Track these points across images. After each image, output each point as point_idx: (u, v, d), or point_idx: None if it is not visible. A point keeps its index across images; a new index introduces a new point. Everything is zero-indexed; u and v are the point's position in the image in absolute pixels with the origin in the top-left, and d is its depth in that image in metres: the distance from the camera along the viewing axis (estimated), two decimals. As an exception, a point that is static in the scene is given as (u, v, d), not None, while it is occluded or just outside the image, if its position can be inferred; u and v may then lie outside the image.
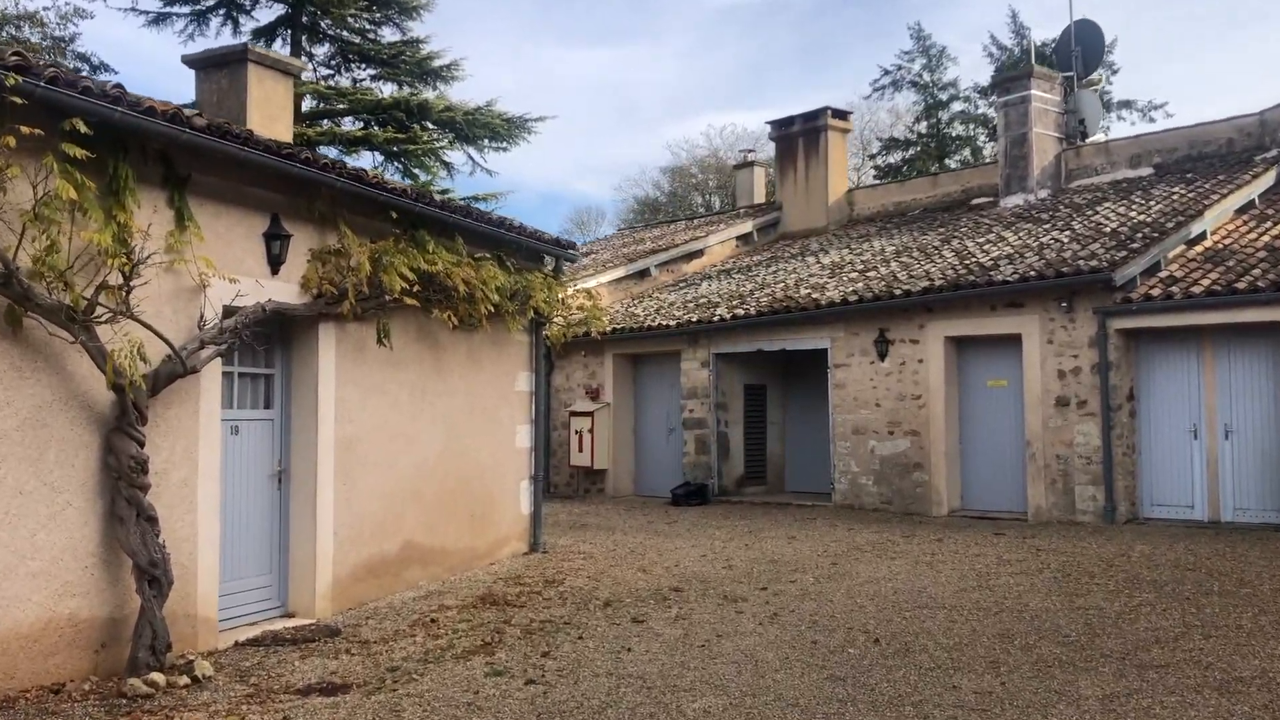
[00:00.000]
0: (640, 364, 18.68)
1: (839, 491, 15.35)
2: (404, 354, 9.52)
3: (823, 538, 12.40)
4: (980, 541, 11.75)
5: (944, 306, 14.38)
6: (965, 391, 14.59)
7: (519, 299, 10.62)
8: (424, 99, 28.45)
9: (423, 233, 9.23)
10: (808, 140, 22.12)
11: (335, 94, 27.80)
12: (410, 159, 28.22)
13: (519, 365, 11.32)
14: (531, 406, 11.51)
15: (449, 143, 30.58)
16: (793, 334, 15.98)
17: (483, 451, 10.65)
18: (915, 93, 39.30)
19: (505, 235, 10.35)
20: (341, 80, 29.31)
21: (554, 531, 13.32)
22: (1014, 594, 8.79)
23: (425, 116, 28.68)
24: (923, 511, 14.42)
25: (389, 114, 28.24)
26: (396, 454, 9.39)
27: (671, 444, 17.86)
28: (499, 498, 10.92)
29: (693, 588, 9.39)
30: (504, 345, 11.03)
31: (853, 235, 20.18)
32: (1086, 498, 13.07)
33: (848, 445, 15.28)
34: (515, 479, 11.22)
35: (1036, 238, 15.38)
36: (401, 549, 9.43)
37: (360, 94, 27.99)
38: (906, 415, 14.68)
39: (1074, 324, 13.33)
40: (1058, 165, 18.82)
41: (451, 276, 9.18)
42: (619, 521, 14.46)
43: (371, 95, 28.06)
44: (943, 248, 16.62)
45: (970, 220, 18.37)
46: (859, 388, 15.20)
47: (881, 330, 14.95)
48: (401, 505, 9.45)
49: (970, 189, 20.40)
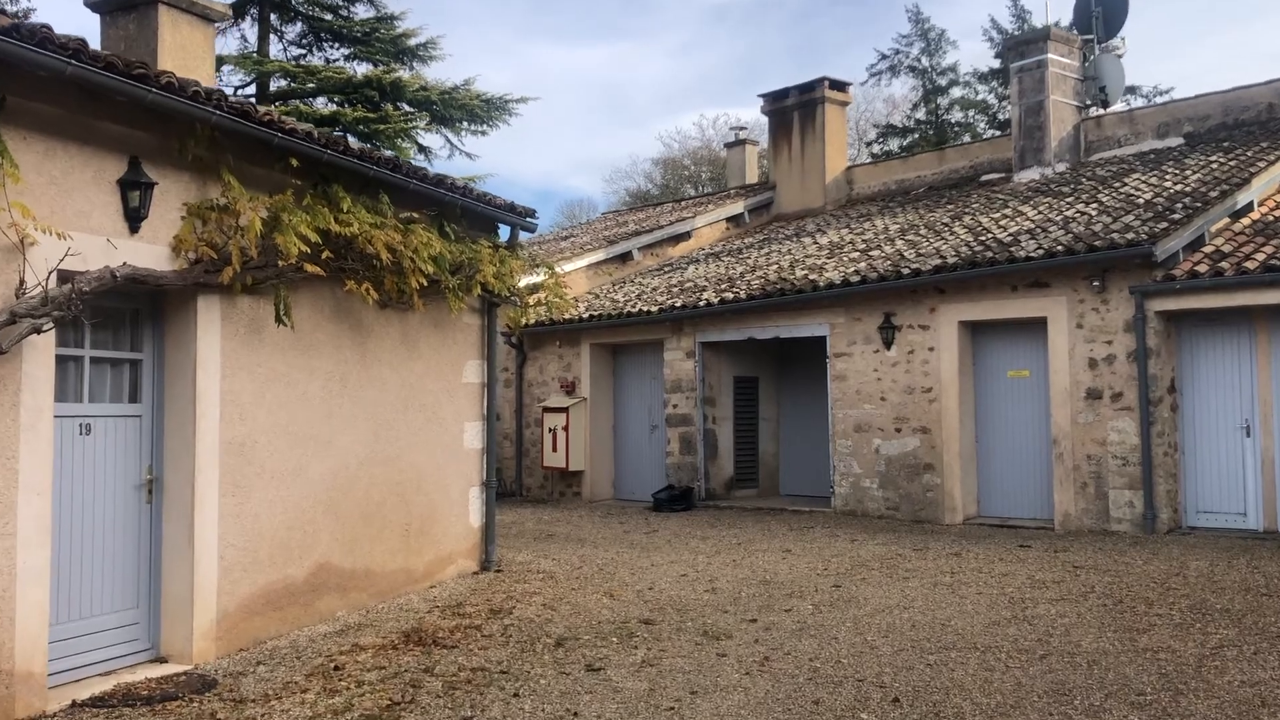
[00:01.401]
0: (620, 355, 17.02)
1: (839, 496, 13.71)
2: (317, 337, 7.86)
3: (822, 551, 10.75)
4: (1005, 556, 10.12)
5: (958, 287, 12.74)
6: (982, 383, 12.96)
7: (464, 273, 8.97)
8: (397, 77, 26.90)
9: (337, 188, 7.57)
10: (803, 114, 20.47)
11: (304, 72, 26.25)
12: (382, 140, 26.61)
13: (467, 353, 9.66)
14: (484, 401, 9.86)
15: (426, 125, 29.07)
16: (787, 320, 14.34)
17: (421, 454, 9.00)
18: (913, 78, 37.87)
19: (444, 195, 8.67)
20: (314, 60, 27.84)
21: (516, 544, 11.67)
22: (1059, 628, 7.15)
23: (399, 96, 27.18)
24: (934, 519, 12.78)
25: (360, 93, 26.73)
26: (306, 459, 7.72)
27: (654, 443, 16.22)
28: (441, 508, 9.27)
29: (667, 619, 7.74)
30: (448, 329, 9.38)
31: (852, 215, 18.54)
32: (1122, 504, 11.44)
33: (849, 444, 13.64)
34: (462, 486, 9.56)
35: (1059, 211, 13.74)
36: (313, 574, 7.77)
37: (330, 73, 26.44)
38: (915, 410, 13.05)
39: (1107, 305, 11.70)
40: (1077, 136, 17.18)
41: (373, 242, 7.52)
42: (591, 531, 12.80)
43: (342, 74, 26.55)
44: (953, 224, 14.98)
45: (982, 196, 16.73)
46: (862, 380, 13.56)
47: (887, 315, 13.31)
48: (313, 521, 7.79)
49: (980, 164, 18.75)
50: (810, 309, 14.05)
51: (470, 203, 9.01)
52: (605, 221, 23.07)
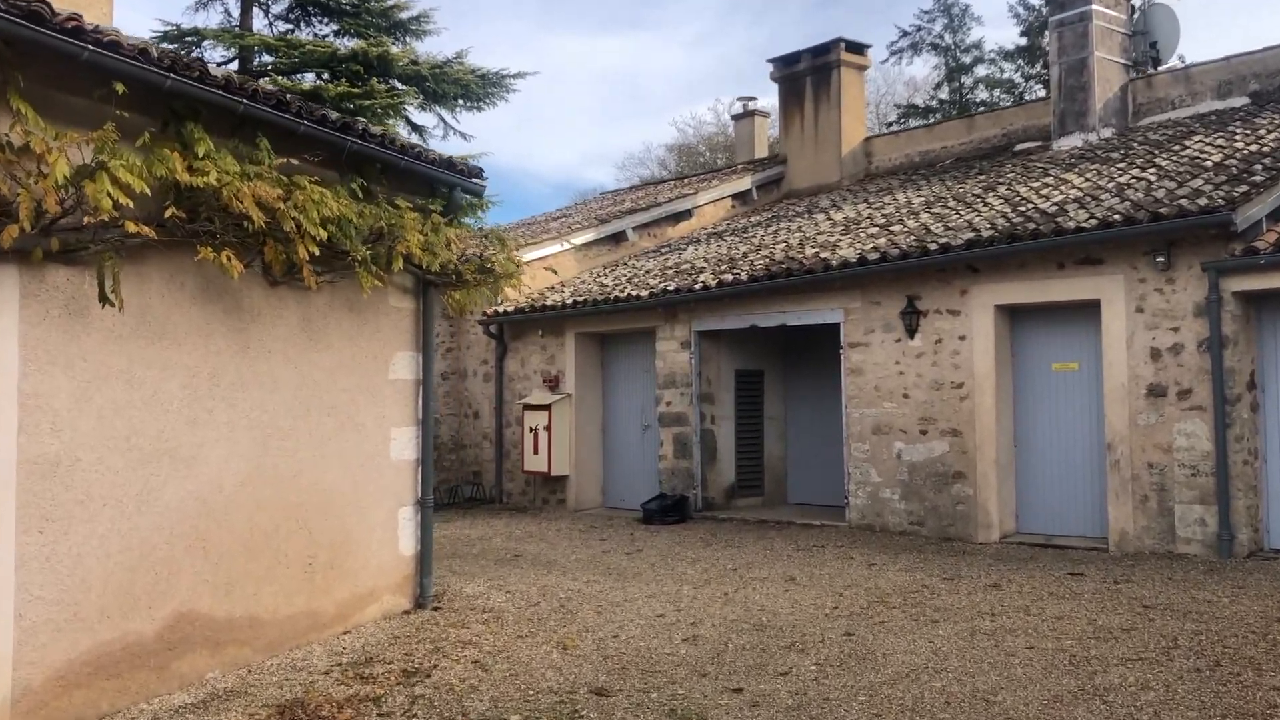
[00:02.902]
0: (609, 345, 15.23)
1: (855, 508, 11.87)
2: (175, 322, 6.10)
3: (833, 580, 8.94)
4: (1055, 589, 8.28)
5: (994, 266, 10.87)
6: (1022, 378, 11.10)
7: (385, 244, 7.20)
8: (385, 50, 25.20)
9: (192, 128, 5.80)
10: (817, 80, 18.56)
11: (286, 46, 24.67)
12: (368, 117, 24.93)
13: (396, 343, 7.89)
14: (418, 402, 8.08)
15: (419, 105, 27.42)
16: (796, 305, 12.49)
17: (330, 469, 7.24)
18: (936, 56, 36.08)
19: (348, 144, 6.87)
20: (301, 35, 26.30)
21: (473, 568, 9.91)
22: (1145, 711, 5.32)
23: (387, 71, 25.51)
24: (965, 536, 10.94)
25: (345, 68, 25.10)
26: (159, 480, 5.98)
27: (647, 444, 14.42)
28: (359, 535, 7.50)
29: (627, 686, 5.95)
30: (370, 314, 7.61)
31: (871, 190, 16.65)
32: (1191, 521, 9.57)
33: (866, 448, 11.80)
34: (389, 506, 7.79)
35: (1111, 178, 11.84)
36: (169, 627, 6.02)
37: (314, 46, 24.84)
38: (944, 409, 11.19)
39: (1173, 285, 9.81)
40: (1124, 98, 15.24)
41: (240, 197, 5.74)
42: (565, 551, 11.02)
43: (328, 48, 24.96)
44: (986, 195, 13.09)
45: (1018, 166, 14.83)
46: (881, 373, 11.71)
47: (910, 299, 11.45)
48: (170, 559, 6.04)
49: (1013, 132, 16.82)
50: (822, 292, 12.21)
51: (389, 154, 7.21)
52: (602, 201, 21.27)
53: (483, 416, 16.26)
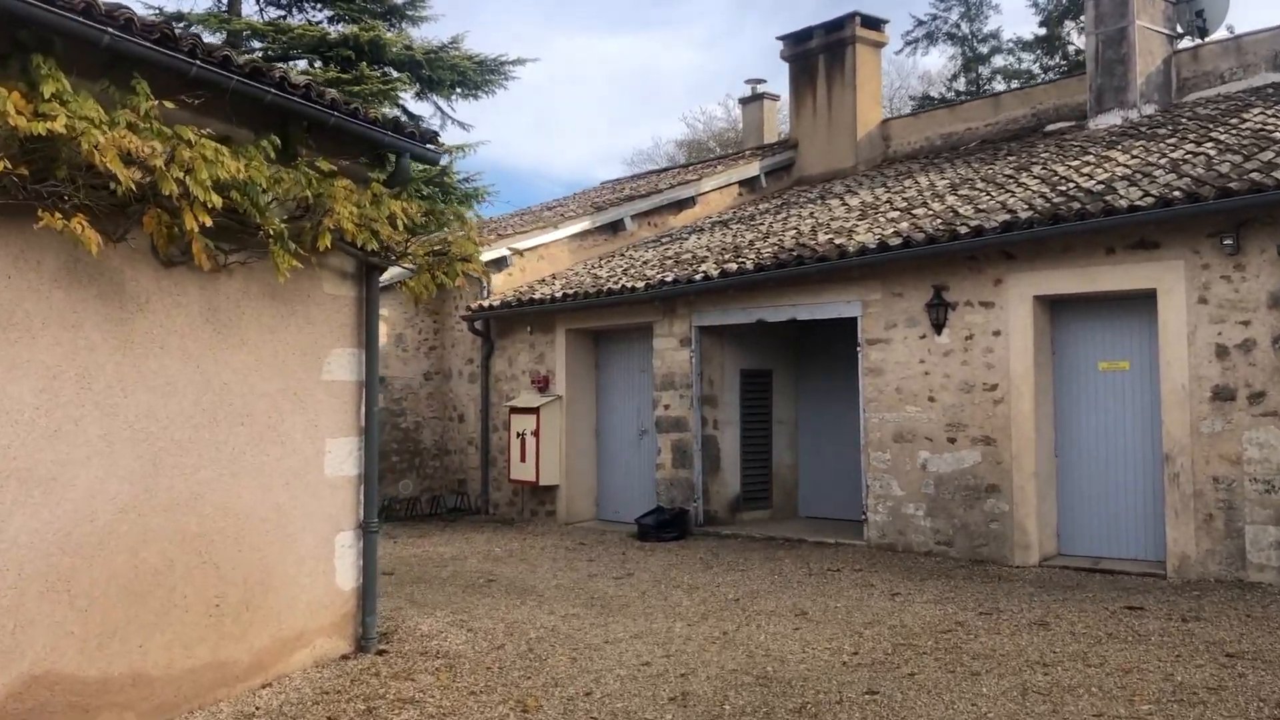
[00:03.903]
0: (603, 343, 13.97)
1: (875, 525, 10.58)
2: (27, 311, 4.87)
3: (851, 615, 7.66)
4: (1112, 627, 6.99)
5: (1033, 251, 9.58)
6: (1065, 379, 9.80)
7: (312, 217, 5.96)
8: (376, 35, 24.16)
9: (39, 61, 4.56)
10: (830, 58, 17.25)
11: (275, 31, 23.65)
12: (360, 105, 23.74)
13: (333, 337, 6.65)
14: (360, 407, 6.83)
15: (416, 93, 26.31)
16: (808, 297, 11.21)
17: (243, 490, 6.00)
18: (952, 46, 34.87)
19: (266, 95, 5.61)
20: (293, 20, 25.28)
21: (436, 596, 8.67)
22: (1270, 820, 4.03)
23: (379, 56, 24.48)
24: (1000, 558, 9.64)
25: (336, 53, 24.03)
26: (3, 509, 4.74)
27: (644, 452, 13.15)
28: (282, 568, 6.26)
29: (592, 772, 4.69)
30: (297, 302, 6.37)
31: (889, 174, 15.35)
32: (1266, 544, 8.26)
33: (887, 458, 10.51)
34: (323, 532, 6.55)
35: (1163, 154, 10.53)
36: (21, 692, 4.78)
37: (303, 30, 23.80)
38: (976, 414, 9.90)
39: (1243, 272, 8.51)
40: (1167, 72, 13.90)
41: (102, 152, 4.50)
42: (547, 574, 9.76)
43: (318, 32, 23.94)
44: (1020, 175, 11.78)
45: (1051, 145, 13.51)
46: (904, 374, 10.42)
47: (937, 289, 10.17)
48: (19, 607, 4.80)
49: (1044, 111, 15.48)
50: (837, 282, 10.92)
51: (315, 109, 5.96)
52: (601, 191, 20.01)
53: (468, 420, 15.02)
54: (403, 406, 15.06)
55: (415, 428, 15.17)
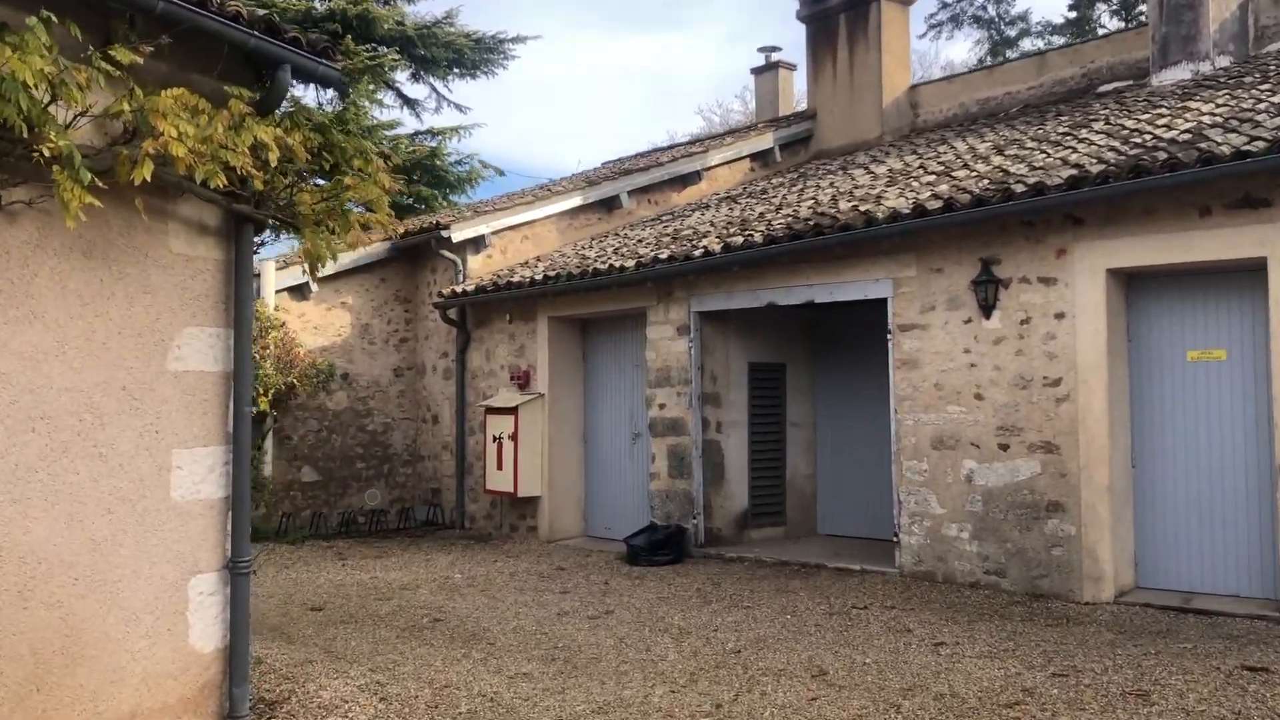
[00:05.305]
0: (591, 333, 12.20)
1: (909, 549, 8.77)
2: None
3: (883, 677, 5.87)
4: (1238, 701, 5.20)
5: (1106, 214, 7.75)
6: (1144, 371, 7.98)
7: (137, 142, 4.25)
8: (366, 8, 22.61)
9: None
10: (853, 17, 15.42)
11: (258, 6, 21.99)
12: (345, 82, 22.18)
13: (185, 312, 4.92)
14: (229, 407, 5.10)
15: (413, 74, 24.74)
16: (828, 275, 9.41)
17: (35, 523, 4.28)
18: (978, 29, 33.10)
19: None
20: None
21: (362, 642, 6.93)
22: None
23: (368, 32, 22.91)
24: (1064, 592, 7.82)
25: (322, 27, 22.44)
26: None
27: (639, 458, 11.38)
28: (104, 628, 4.53)
29: None
30: (128, 263, 4.65)
31: (920, 143, 13.52)
32: None
33: (924, 468, 8.70)
34: (170, 577, 4.82)
35: (1255, 100, 8.68)
36: None
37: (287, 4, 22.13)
38: (1034, 415, 8.08)
39: (1382, 236, 6.67)
40: (1243, 19, 12.02)
41: None
42: (508, 610, 7.99)
43: (301, 5, 22.33)
44: (1078, 132, 9.95)
45: (1110, 103, 11.66)
46: (944, 366, 8.61)
47: (985, 263, 8.36)
48: None
49: (1095, 70, 13.61)
50: (863, 257, 9.12)
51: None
52: (599, 170, 18.24)
53: (442, 421, 13.30)
54: (369, 406, 13.36)
55: (384, 430, 13.47)
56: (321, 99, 23.28)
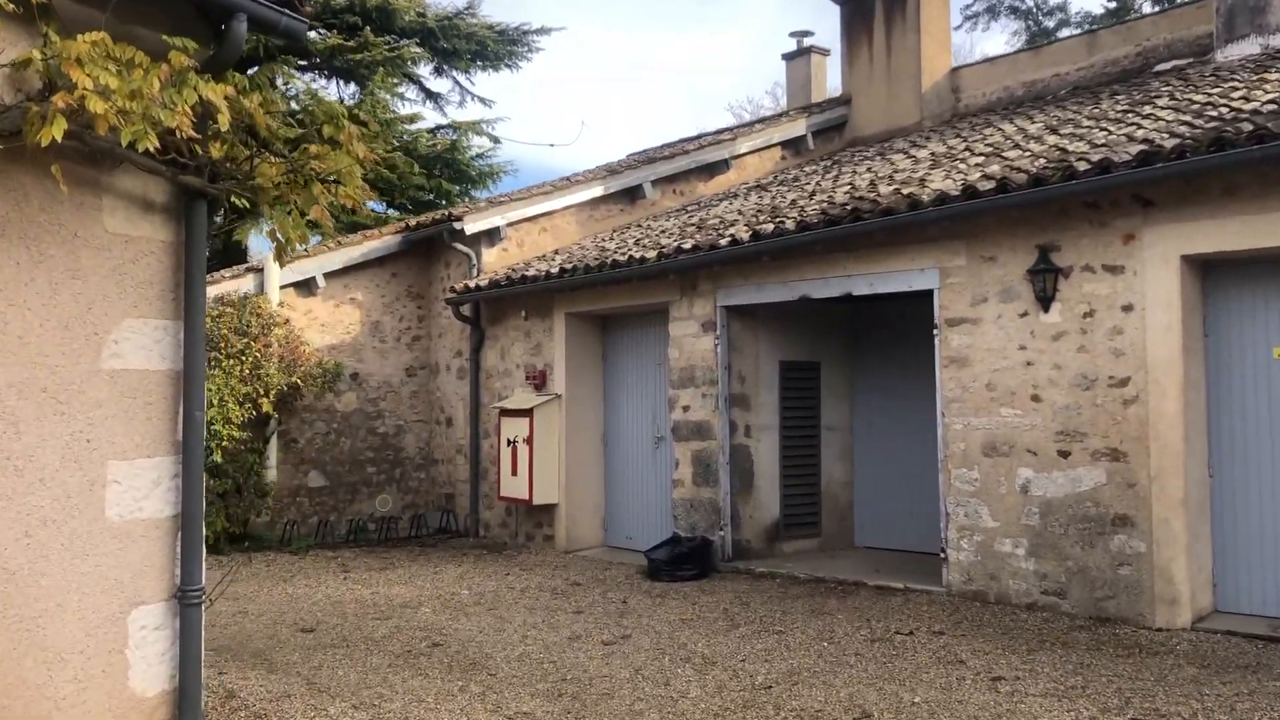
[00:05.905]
0: (611, 330, 11.48)
1: (958, 565, 7.96)
2: None
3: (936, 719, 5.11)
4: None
5: (1180, 194, 6.92)
6: (1222, 370, 7.14)
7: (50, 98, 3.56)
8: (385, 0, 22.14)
9: None
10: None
11: (276, -1, 21.42)
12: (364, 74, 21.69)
13: (124, 301, 4.25)
14: (178, 411, 4.41)
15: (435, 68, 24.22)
16: (867, 265, 8.62)
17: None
18: (1015, 20, 32.18)
19: None
20: (301, -7, 23.07)
21: (349, 672, 6.23)
22: None
23: (388, 24, 22.46)
24: (1134, 616, 7.00)
25: (341, 19, 22.00)
26: None
27: (662, 463, 10.63)
28: (23, 673, 3.86)
29: None
30: (54, 244, 4.00)
31: (962, 127, 12.69)
32: None
33: (975, 477, 7.89)
34: (107, 609, 4.15)
35: (1346, 69, 7.81)
36: None
37: (304, -3, 21.47)
38: (1098, 419, 7.26)
39: None
40: (1317, -10, 11.10)
41: None
42: (515, 632, 7.27)
43: (319, -4, 21.78)
44: (1141, 109, 9.10)
45: (1172, 80, 10.79)
46: (997, 364, 7.81)
47: (1043, 250, 7.54)
48: None
49: (1151, 49, 12.72)
50: (906, 244, 8.33)
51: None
52: (624, 160, 17.49)
53: (456, 424, 12.63)
54: (380, 408, 12.70)
55: (395, 433, 12.81)
56: (343, 94, 22.79)
